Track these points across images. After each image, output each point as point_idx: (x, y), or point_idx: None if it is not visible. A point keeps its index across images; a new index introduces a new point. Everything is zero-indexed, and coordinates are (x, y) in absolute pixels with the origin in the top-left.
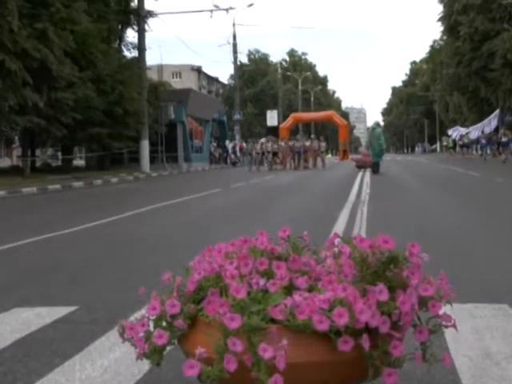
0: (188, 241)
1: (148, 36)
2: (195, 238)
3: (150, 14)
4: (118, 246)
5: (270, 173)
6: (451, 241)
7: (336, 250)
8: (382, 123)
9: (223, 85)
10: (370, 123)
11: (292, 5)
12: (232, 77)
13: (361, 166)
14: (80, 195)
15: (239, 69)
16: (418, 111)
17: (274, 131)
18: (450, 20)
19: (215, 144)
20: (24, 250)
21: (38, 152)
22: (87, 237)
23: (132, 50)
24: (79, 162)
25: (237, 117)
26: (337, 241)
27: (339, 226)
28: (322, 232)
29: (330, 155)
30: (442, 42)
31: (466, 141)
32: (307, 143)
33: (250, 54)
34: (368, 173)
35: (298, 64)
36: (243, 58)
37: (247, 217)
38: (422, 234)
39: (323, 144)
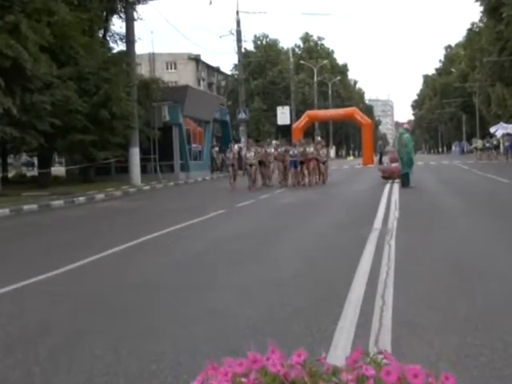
0: (179, 300)
1: (137, 25)
2: (190, 296)
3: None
4: (84, 309)
5: (258, 192)
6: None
7: (359, 372)
8: (407, 125)
9: (226, 76)
10: (397, 117)
11: None
12: (236, 66)
13: (388, 176)
14: (59, 220)
15: (245, 57)
16: (455, 104)
17: (285, 131)
18: (490, 0)
19: (217, 148)
20: None
21: (10, 159)
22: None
23: (119, 42)
24: (59, 168)
25: (242, 116)
26: (360, 359)
27: (362, 269)
28: (342, 275)
29: (351, 157)
30: (481, 25)
31: (494, 142)
32: (309, 149)
33: (256, 39)
34: (396, 185)
35: (313, 51)
36: (249, 46)
37: (254, 254)
38: (466, 279)
39: (325, 151)
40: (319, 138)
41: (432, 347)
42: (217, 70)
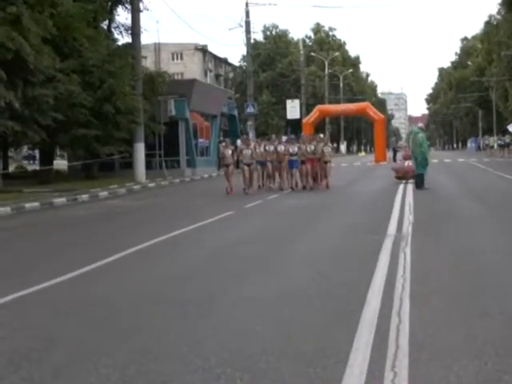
0: (187, 314)
1: (142, 14)
2: (198, 310)
3: None
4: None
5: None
6: None
7: None
8: (421, 124)
9: (234, 67)
10: (411, 111)
11: None
12: (244, 58)
13: (401, 177)
14: (61, 220)
15: (253, 48)
16: (471, 99)
17: (295, 125)
18: None
19: (224, 144)
20: None
21: (11, 152)
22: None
23: (124, 34)
24: (60, 161)
25: (250, 110)
26: None
27: (377, 281)
28: (356, 288)
29: (363, 153)
30: (499, 18)
31: (507, 140)
32: (309, 147)
33: (265, 29)
34: (410, 186)
35: (324, 42)
36: (258, 37)
37: (264, 262)
38: (486, 294)
39: (328, 149)
40: (321, 135)
41: (451, 372)
42: (224, 62)
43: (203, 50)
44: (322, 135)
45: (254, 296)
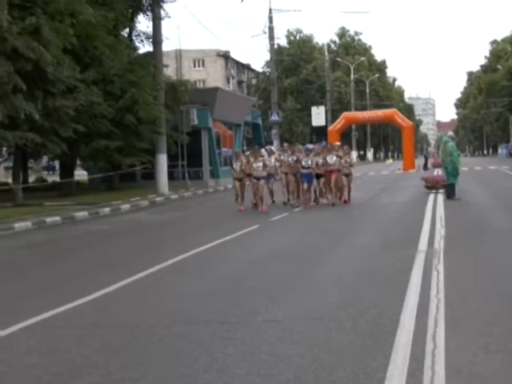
0: (215, 337)
1: (164, 21)
2: (227, 333)
3: None
4: None
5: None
6: None
7: None
8: (451, 133)
9: (257, 73)
10: (439, 116)
11: None
12: (268, 63)
13: (431, 186)
14: (83, 236)
15: (277, 54)
16: (501, 104)
17: (320, 132)
18: None
19: (248, 153)
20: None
21: (30, 163)
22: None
23: (145, 42)
24: (81, 172)
25: (274, 118)
26: None
27: (410, 302)
28: (388, 309)
29: (390, 160)
30: None
31: None
32: (331, 159)
33: (289, 34)
34: (441, 197)
35: (349, 46)
36: (282, 42)
37: (292, 281)
38: None
39: (347, 160)
40: (337, 143)
41: None
42: (247, 68)
43: (225, 56)
44: (338, 143)
45: (283, 318)
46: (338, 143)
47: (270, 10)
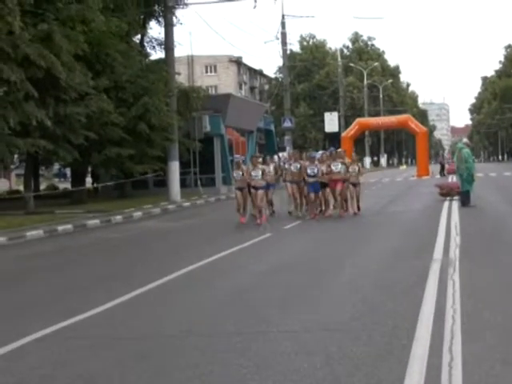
0: (229, 348)
1: (175, 28)
2: (241, 344)
3: (178, 3)
4: None
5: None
6: None
7: None
8: (466, 139)
9: (269, 79)
10: (453, 122)
11: None
12: (280, 69)
13: (445, 193)
14: (95, 244)
15: (290, 59)
16: None
17: (334, 139)
18: None
19: (260, 160)
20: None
21: (41, 170)
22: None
23: (157, 48)
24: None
25: (287, 124)
26: None
27: (425, 313)
28: (403, 320)
29: (404, 166)
30: None
31: None
32: (336, 166)
33: (302, 40)
34: (455, 204)
35: (363, 52)
36: (295, 47)
37: (306, 291)
38: None
39: (355, 168)
40: (340, 150)
41: None
42: (259, 73)
43: (237, 61)
44: (341, 150)
45: (298, 329)
46: (341, 150)
47: (283, 16)
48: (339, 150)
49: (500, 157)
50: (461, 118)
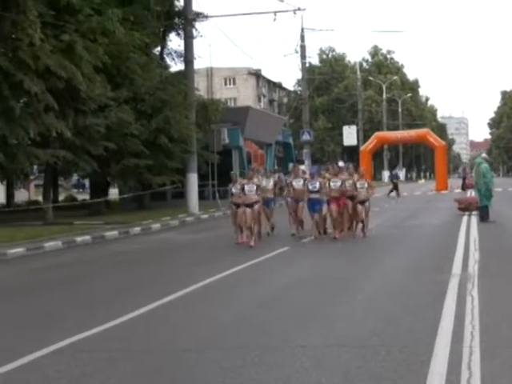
0: (248, 363)
1: (195, 40)
2: (259, 359)
3: (199, 16)
4: None
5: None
6: None
7: None
8: (485, 155)
9: (288, 92)
10: (472, 136)
11: (372, 5)
12: (299, 82)
13: (464, 208)
14: (114, 256)
15: (309, 72)
16: None
17: (352, 152)
18: None
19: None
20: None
21: (60, 181)
22: None
23: (176, 60)
24: (112, 191)
25: (306, 137)
26: None
27: (444, 328)
28: (422, 336)
29: (423, 180)
30: None
31: None
32: (335, 183)
33: (321, 53)
34: (474, 219)
35: (382, 65)
36: (314, 60)
37: (324, 306)
38: None
39: (363, 184)
40: (343, 164)
41: None
42: (278, 86)
43: (256, 74)
44: (341, 164)
45: (316, 343)
46: (341, 163)
47: (302, 29)
48: (342, 164)
49: None
50: (480, 132)
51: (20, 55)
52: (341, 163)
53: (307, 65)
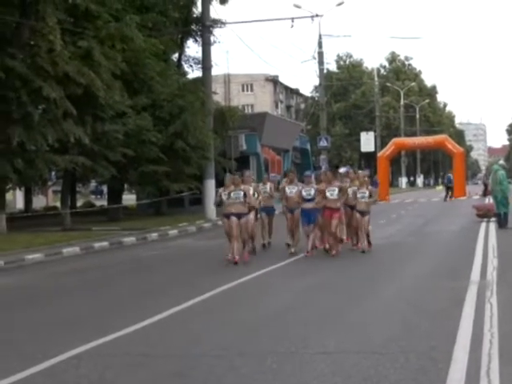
0: (266, 369)
1: (212, 46)
2: (278, 365)
3: (216, 22)
4: None
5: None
6: None
7: None
8: (502, 162)
9: (305, 98)
10: (490, 142)
11: (389, 11)
12: (316, 88)
13: (482, 215)
14: (131, 262)
15: (326, 78)
16: None
17: (369, 158)
18: None
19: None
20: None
21: (78, 187)
22: None
23: (194, 66)
24: (128, 196)
25: (323, 144)
26: None
27: (462, 336)
28: (440, 343)
29: (440, 187)
30: None
31: None
32: (332, 192)
33: (339, 59)
34: (493, 226)
35: (400, 71)
36: (331, 67)
37: (341, 312)
38: None
39: (364, 193)
40: (348, 169)
41: None
42: (296, 92)
43: (274, 80)
44: (345, 169)
45: (334, 350)
46: (343, 169)
47: (320, 36)
48: (337, 170)
49: None
50: (498, 138)
51: (38, 62)
52: (342, 169)
53: (325, 71)
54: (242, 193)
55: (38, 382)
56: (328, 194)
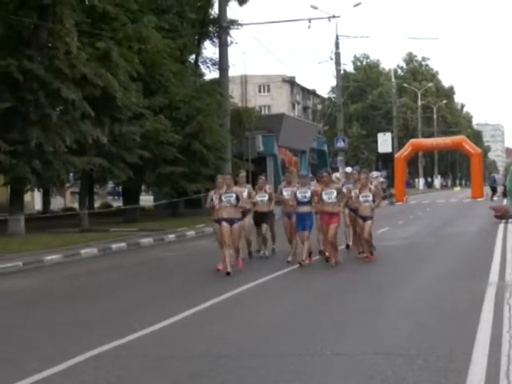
0: (284, 370)
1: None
2: (295, 366)
3: (233, 23)
4: None
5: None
6: None
7: None
8: None
9: (322, 99)
10: (508, 143)
11: (406, 12)
12: (333, 89)
13: (500, 216)
14: (149, 263)
15: (343, 79)
16: None
17: (387, 159)
18: None
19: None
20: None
21: (96, 188)
22: None
23: (211, 68)
24: (146, 197)
25: (340, 145)
26: None
27: (481, 337)
28: (459, 344)
29: (458, 188)
30: None
31: None
32: (329, 195)
33: (356, 60)
34: (511, 226)
35: (417, 72)
36: (348, 68)
37: (358, 313)
38: None
39: (367, 197)
40: (349, 169)
41: None
42: (313, 93)
43: (291, 81)
44: (346, 169)
45: (353, 351)
46: (349, 169)
47: (337, 36)
48: (335, 173)
49: None
50: None
51: (56, 64)
52: (348, 169)
53: (342, 72)
54: (235, 195)
55: (57, 382)
56: (325, 197)
